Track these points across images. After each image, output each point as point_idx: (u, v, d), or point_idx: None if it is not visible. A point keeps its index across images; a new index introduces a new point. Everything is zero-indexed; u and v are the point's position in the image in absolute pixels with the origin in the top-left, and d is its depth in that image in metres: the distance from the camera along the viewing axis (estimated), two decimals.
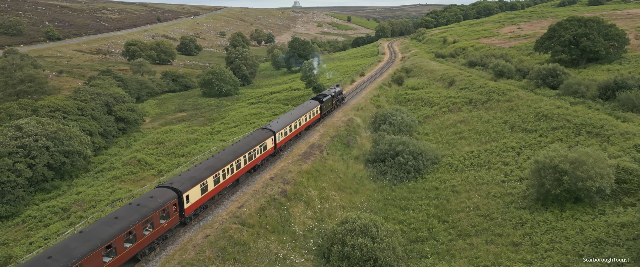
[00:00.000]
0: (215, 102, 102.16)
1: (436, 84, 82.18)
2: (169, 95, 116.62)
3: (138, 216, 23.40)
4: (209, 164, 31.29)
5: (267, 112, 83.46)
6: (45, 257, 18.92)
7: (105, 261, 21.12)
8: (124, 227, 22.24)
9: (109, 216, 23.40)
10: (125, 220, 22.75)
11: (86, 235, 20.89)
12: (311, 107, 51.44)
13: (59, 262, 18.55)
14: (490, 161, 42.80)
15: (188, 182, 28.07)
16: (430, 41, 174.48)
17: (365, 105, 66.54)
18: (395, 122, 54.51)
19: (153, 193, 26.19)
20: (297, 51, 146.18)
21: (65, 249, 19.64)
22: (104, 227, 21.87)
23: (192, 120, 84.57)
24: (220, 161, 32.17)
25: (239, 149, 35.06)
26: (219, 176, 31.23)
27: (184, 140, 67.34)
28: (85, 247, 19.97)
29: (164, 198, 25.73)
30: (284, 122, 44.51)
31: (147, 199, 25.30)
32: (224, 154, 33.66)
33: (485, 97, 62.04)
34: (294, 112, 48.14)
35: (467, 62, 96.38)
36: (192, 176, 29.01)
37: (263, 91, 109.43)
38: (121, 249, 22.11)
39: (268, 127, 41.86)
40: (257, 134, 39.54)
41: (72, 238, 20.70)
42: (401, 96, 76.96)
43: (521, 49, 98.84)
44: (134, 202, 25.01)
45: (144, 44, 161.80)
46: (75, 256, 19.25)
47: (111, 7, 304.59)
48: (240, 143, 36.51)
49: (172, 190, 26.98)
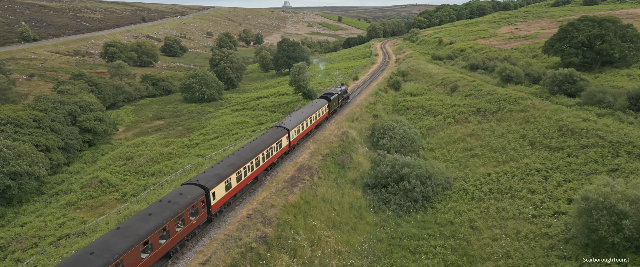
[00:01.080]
0: (196, 108, 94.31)
1: (437, 89, 75.41)
2: (148, 101, 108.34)
3: (170, 212, 23.41)
4: (231, 161, 31.21)
5: (252, 120, 75.95)
6: (87, 253, 18.84)
7: (142, 257, 21.13)
8: (159, 224, 22.24)
9: (143, 212, 23.30)
10: (159, 216, 22.75)
11: (124, 231, 20.92)
12: (320, 105, 51.49)
13: (102, 258, 18.58)
14: (513, 186, 35.93)
15: (214, 179, 28.05)
16: (425, 42, 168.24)
17: (360, 115, 59.46)
18: (396, 135, 47.51)
19: (181, 190, 26.20)
20: (286, 53, 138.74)
21: (106, 245, 19.63)
22: (139, 223, 21.85)
23: (169, 130, 76.68)
24: (241, 159, 32.11)
25: (257, 147, 34.90)
26: (241, 173, 31.36)
27: (156, 155, 59.55)
28: (125, 243, 19.94)
29: (193, 195, 25.70)
30: (297, 120, 44.04)
31: (176, 195, 25.30)
32: (244, 152, 33.46)
33: (495, 105, 55.33)
34: (304, 110, 48.25)
35: (468, 65, 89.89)
36: (217, 173, 29.00)
37: (249, 96, 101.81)
38: (157, 245, 22.22)
39: (282, 124, 41.40)
40: (272, 132, 39.30)
41: (111, 234, 20.73)
42: (399, 103, 70.00)
43: (525, 51, 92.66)
44: (164, 198, 24.99)
45: (124, 45, 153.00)
46: (116, 251, 19.27)
47: (94, 6, 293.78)
48: (258, 140, 36.50)
49: (200, 187, 26.91)
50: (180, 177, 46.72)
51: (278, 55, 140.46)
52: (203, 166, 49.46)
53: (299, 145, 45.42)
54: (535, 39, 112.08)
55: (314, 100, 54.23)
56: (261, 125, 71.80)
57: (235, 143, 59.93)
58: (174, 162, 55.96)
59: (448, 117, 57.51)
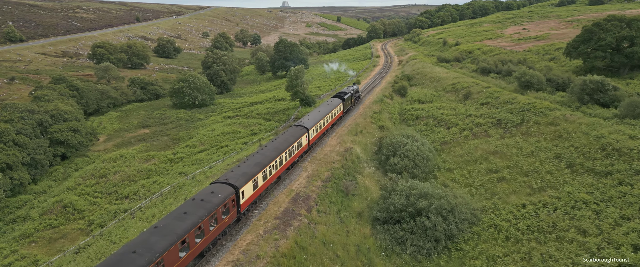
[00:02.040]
0: (186, 114, 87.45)
1: (447, 95, 68.68)
2: (135, 106, 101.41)
3: (205, 211, 23.06)
4: (257, 161, 30.83)
5: (244, 130, 69.12)
6: (129, 251, 18.67)
7: (180, 256, 20.84)
8: (195, 222, 21.86)
9: (178, 210, 22.93)
10: (194, 215, 22.35)
11: (162, 230, 20.65)
12: (335, 104, 50.91)
13: (144, 257, 18.43)
14: (557, 224, 29.20)
15: (242, 178, 27.68)
16: (428, 43, 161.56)
17: (364, 127, 52.66)
18: (408, 153, 40.76)
19: (212, 189, 25.74)
20: (283, 54, 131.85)
21: (146, 243, 19.41)
22: (176, 222, 21.47)
23: (153, 141, 69.78)
24: (266, 158, 31.76)
25: (280, 146, 34.54)
26: (267, 172, 31.16)
27: (134, 172, 52.66)
28: (165, 242, 19.71)
29: (224, 193, 25.34)
30: (315, 119, 43.57)
31: (208, 194, 24.87)
32: (268, 151, 33.08)
33: (519, 117, 48.60)
34: (321, 109, 47.79)
35: (479, 68, 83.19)
36: (244, 171, 28.67)
37: (243, 101, 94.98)
38: (193, 244, 21.88)
39: (301, 124, 41.08)
40: (293, 130, 38.88)
41: (149, 233, 20.44)
42: (407, 112, 63.21)
43: (540, 53, 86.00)
44: (196, 197, 24.61)
45: (114, 46, 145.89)
46: (157, 250, 19.07)
47: (87, 6, 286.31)
48: (280, 139, 36.20)
49: (230, 186, 26.53)
50: (156, 203, 39.88)
51: (274, 57, 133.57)
52: (184, 187, 42.72)
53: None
54: (548, 40, 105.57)
55: (329, 100, 53.37)
56: (254, 136, 65.02)
57: (224, 158, 53.17)
58: (153, 181, 49.08)
59: (464, 130, 50.72)
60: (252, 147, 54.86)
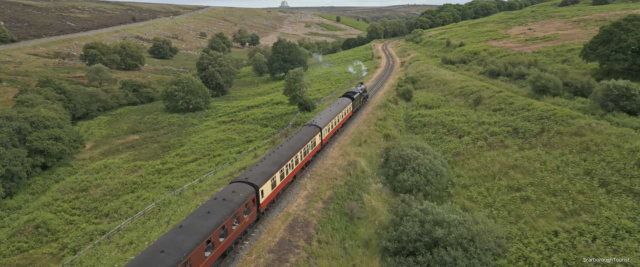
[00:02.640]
0: (178, 119, 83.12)
1: (455, 100, 64.46)
2: (127, 110, 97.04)
3: (228, 210, 22.76)
4: (274, 160, 30.38)
5: (239, 136, 64.82)
6: (158, 251, 18.41)
7: (206, 256, 20.62)
8: (219, 222, 21.62)
9: (201, 209, 22.54)
10: (218, 214, 22.06)
11: (188, 229, 20.38)
12: (345, 104, 50.56)
13: (173, 256, 18.24)
14: (598, 255, 24.99)
15: (261, 177, 27.29)
16: (430, 43, 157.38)
17: (369, 136, 48.40)
18: (420, 168, 36.49)
19: (234, 188, 25.29)
20: (281, 55, 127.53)
21: (174, 243, 19.14)
22: (201, 221, 21.17)
23: (142, 148, 65.45)
24: (283, 157, 31.35)
25: (295, 145, 34.18)
26: (284, 171, 30.76)
27: (118, 185, 48.34)
28: (191, 242, 19.46)
29: (245, 193, 24.99)
30: (327, 118, 43.30)
31: (230, 193, 24.54)
32: (284, 150, 32.61)
33: (538, 126, 44.38)
34: (332, 108, 47.57)
35: (487, 71, 78.98)
36: (263, 171, 28.24)
37: (239, 105, 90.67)
38: (217, 243, 21.64)
39: (314, 123, 40.49)
40: (306, 130, 38.47)
41: (175, 232, 20.12)
42: (413, 119, 58.94)
43: (551, 55, 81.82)
44: (218, 196, 24.17)
45: (107, 46, 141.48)
46: (184, 250, 18.84)
47: (82, 5, 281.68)
48: (294, 139, 35.81)
49: (250, 185, 26.15)
50: (136, 225, 35.57)
51: (272, 59, 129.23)
52: (169, 205, 38.45)
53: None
54: (556, 41, 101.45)
55: (338, 99, 52.94)
56: (249, 144, 60.73)
57: (216, 169, 48.90)
58: (137, 196, 44.75)
59: (478, 139, 46.46)
60: (246, 157, 50.60)
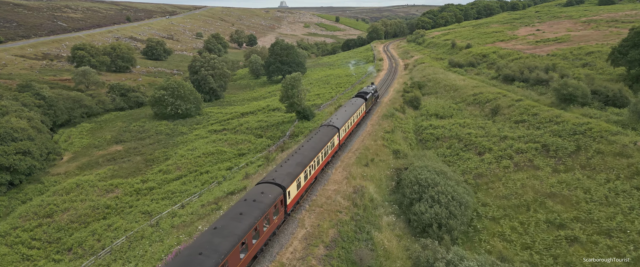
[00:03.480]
0: (167, 127, 76.96)
1: (469, 109, 58.47)
2: (113, 116, 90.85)
3: (259, 211, 22.53)
4: (298, 160, 30.03)
5: (230, 149, 58.71)
6: (196, 253, 18.35)
7: (241, 257, 20.52)
8: (251, 223, 21.39)
9: (233, 210, 22.35)
10: (250, 216, 21.80)
11: (222, 231, 20.14)
12: (359, 104, 49.85)
13: (211, 258, 18.11)
14: None
15: (288, 178, 27.09)
16: (434, 45, 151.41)
17: (376, 152, 42.36)
18: (440, 197, 30.42)
19: (262, 189, 24.97)
20: (278, 57, 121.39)
21: (211, 245, 18.95)
22: (234, 223, 20.98)
23: (124, 161, 59.30)
24: (306, 157, 30.88)
25: (316, 146, 33.43)
26: (307, 172, 30.45)
27: (88, 209, 42.17)
28: (228, 244, 19.32)
29: (274, 194, 24.72)
30: (343, 119, 42.72)
31: (258, 194, 24.21)
32: (306, 151, 31.99)
33: (572, 142, 38.39)
34: (347, 109, 46.96)
35: (501, 75, 72.99)
36: (288, 171, 28.00)
37: (233, 111, 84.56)
38: (250, 245, 21.53)
39: (332, 123, 40.04)
40: (325, 130, 37.84)
41: (211, 234, 19.93)
42: (424, 130, 52.85)
43: (568, 58, 75.90)
44: (248, 197, 23.94)
45: (96, 48, 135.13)
46: (222, 252, 18.70)
47: (75, 5, 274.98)
48: (315, 139, 34.96)
49: (277, 186, 25.87)
50: None
51: (269, 61, 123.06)
52: (142, 240, 32.32)
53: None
54: (570, 42, 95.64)
55: (352, 99, 52.33)
56: (242, 158, 54.63)
57: (201, 191, 42.80)
58: (108, 224, 38.58)
59: (502, 158, 40.42)
60: (236, 176, 44.50)
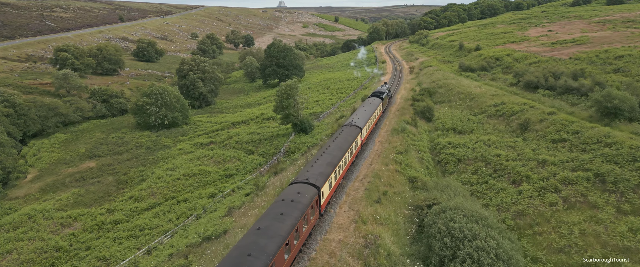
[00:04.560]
0: (149, 139, 69.11)
1: (492, 122, 50.73)
2: (93, 125, 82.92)
3: (298, 212, 22.12)
4: (327, 160, 29.46)
5: (216, 168, 50.88)
6: (244, 254, 18.00)
7: (285, 258, 20.28)
8: (293, 224, 21.07)
9: (273, 211, 21.82)
10: (290, 216, 21.41)
11: (266, 232, 19.80)
12: (376, 104, 49.01)
13: (260, 259, 17.77)
14: None
15: (321, 178, 26.52)
16: (439, 46, 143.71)
17: (389, 181, 34.59)
18: (480, 256, 22.59)
19: (297, 189, 24.50)
20: (275, 59, 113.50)
21: (257, 246, 18.63)
22: (277, 223, 20.54)
23: (93, 183, 51.39)
24: (335, 157, 30.39)
25: (343, 146, 32.77)
26: (337, 172, 30.09)
27: (33, 253, 34.25)
28: (274, 245, 18.94)
29: (310, 194, 24.26)
30: (364, 118, 41.67)
31: (295, 194, 23.70)
32: (333, 150, 31.38)
33: (634, 172, 30.67)
34: (366, 108, 45.83)
35: (522, 82, 65.20)
36: (321, 171, 27.43)
37: (223, 120, 76.72)
38: (292, 245, 21.24)
39: (354, 123, 38.91)
40: (348, 130, 36.98)
41: (255, 235, 19.53)
42: (442, 151, 45.01)
43: (595, 63, 68.20)
44: (285, 197, 23.32)
45: (81, 49, 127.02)
46: (269, 253, 18.33)
47: (67, 4, 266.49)
48: (340, 139, 34.30)
49: (312, 186, 25.35)
50: None
51: (265, 63, 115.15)
52: None
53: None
54: (591, 45, 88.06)
55: (369, 99, 51.50)
56: (228, 181, 46.81)
57: (177, 227, 34.99)
58: None
59: (545, 190, 32.64)
60: (219, 208, 36.68)
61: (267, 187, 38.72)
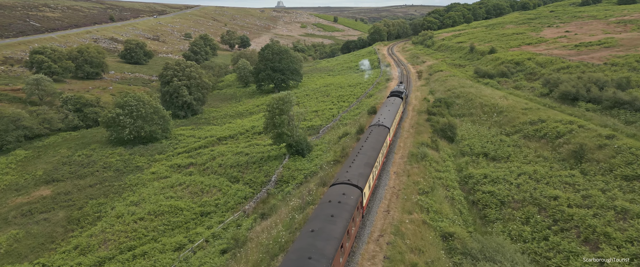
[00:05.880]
0: (121, 158, 59.34)
1: (532, 145, 41.08)
2: (61, 138, 73.05)
3: (347, 213, 21.65)
4: (364, 161, 29.00)
5: (190, 202, 41.19)
6: (305, 257, 17.56)
7: (340, 261, 19.86)
8: (345, 225, 20.55)
9: (322, 212, 21.31)
10: (341, 218, 20.92)
11: (321, 234, 19.28)
12: (398, 103, 48.65)
13: (321, 262, 17.39)
14: None
15: (362, 179, 26.14)
16: (446, 48, 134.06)
17: (415, 244, 24.83)
18: None
19: (341, 190, 24.06)
20: (269, 63, 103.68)
21: (315, 248, 18.18)
22: (330, 225, 20.05)
23: (38, 220, 41.56)
24: (371, 158, 29.91)
25: (375, 146, 32.34)
26: (374, 172, 29.55)
27: None
28: (331, 248, 18.51)
29: (355, 195, 23.76)
30: (389, 118, 41.35)
31: (340, 195, 23.33)
32: (367, 150, 30.98)
33: None
34: (390, 108, 45.64)
35: (555, 91, 55.66)
36: (360, 172, 27.00)
37: (208, 135, 66.95)
38: (345, 248, 20.83)
39: (382, 123, 38.51)
40: (378, 130, 36.59)
41: (311, 237, 19.08)
42: (477, 187, 35.20)
43: (637, 69, 58.69)
44: (331, 198, 22.93)
45: (60, 51, 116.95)
46: (328, 256, 17.91)
47: (55, 3, 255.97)
48: (371, 139, 33.89)
49: (355, 187, 24.86)
50: None
51: (259, 67, 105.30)
52: None
53: None
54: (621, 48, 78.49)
55: (389, 99, 50.83)
56: (202, 222, 37.01)
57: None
58: None
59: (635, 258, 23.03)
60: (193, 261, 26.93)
61: (250, 240, 29.08)
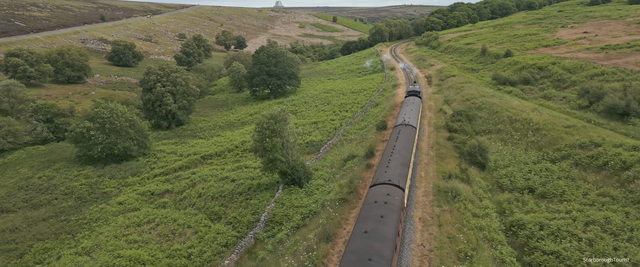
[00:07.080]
0: (87, 180, 50.63)
1: (589, 178, 32.45)
2: (25, 154, 64.21)
3: (395, 214, 21.68)
4: (400, 161, 28.78)
5: (156, 250, 32.62)
6: (365, 259, 17.90)
7: (395, 261, 19.72)
8: (396, 226, 20.66)
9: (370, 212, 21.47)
10: (390, 218, 21.02)
11: (375, 235, 19.42)
12: (418, 102, 49.63)
13: (380, 264, 17.75)
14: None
15: (402, 179, 26.01)
16: (454, 50, 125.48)
17: None
18: None
19: (385, 190, 23.94)
20: (265, 66, 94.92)
21: (373, 250, 18.50)
22: (382, 226, 20.15)
23: None
24: (405, 158, 29.63)
25: (406, 145, 32.19)
26: (408, 171, 28.78)
27: None
28: (387, 249, 18.85)
29: (399, 195, 23.73)
30: (413, 117, 41.31)
31: (385, 195, 23.29)
32: (400, 150, 30.77)
33: None
34: (411, 107, 46.12)
35: (598, 104, 47.17)
36: (398, 172, 26.85)
37: (192, 151, 58.23)
38: (397, 248, 20.80)
39: (409, 123, 38.43)
40: (405, 130, 36.32)
41: (367, 238, 19.24)
42: (531, 243, 26.39)
43: None
44: (377, 199, 22.87)
45: (38, 54, 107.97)
46: (387, 257, 18.33)
47: (44, 3, 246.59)
48: (401, 139, 33.54)
49: (397, 187, 24.64)
50: None
51: (253, 71, 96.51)
52: None
53: None
54: None
55: (408, 98, 51.67)
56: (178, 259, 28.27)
57: None
58: None
59: None
60: None
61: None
